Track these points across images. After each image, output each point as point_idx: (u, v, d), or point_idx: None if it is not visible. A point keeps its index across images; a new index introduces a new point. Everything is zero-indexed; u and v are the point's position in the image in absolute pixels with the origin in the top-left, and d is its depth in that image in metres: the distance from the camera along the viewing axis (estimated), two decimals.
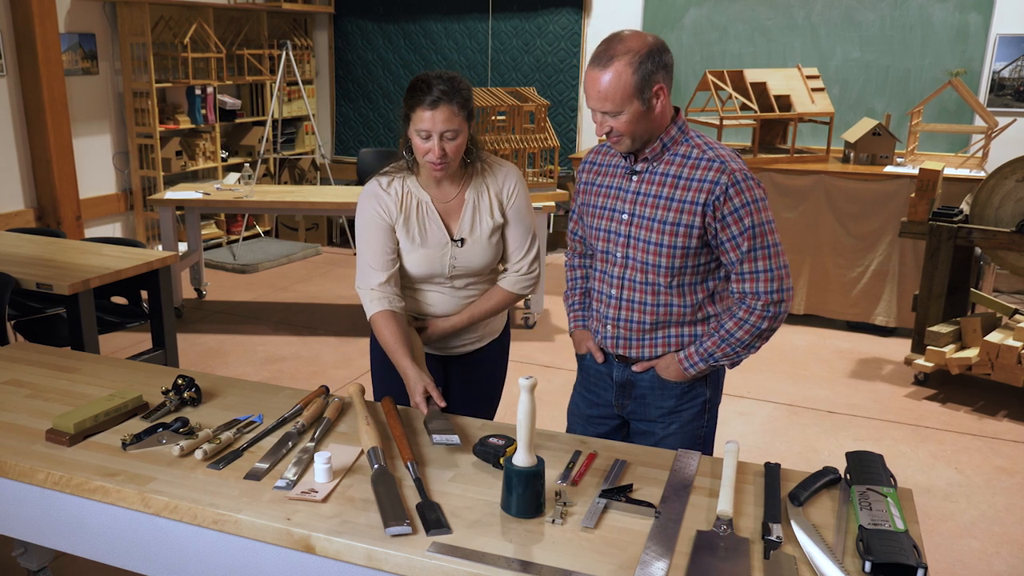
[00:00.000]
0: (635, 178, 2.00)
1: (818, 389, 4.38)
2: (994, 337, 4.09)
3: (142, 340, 4.43)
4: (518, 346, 4.76)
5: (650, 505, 1.65)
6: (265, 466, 1.80)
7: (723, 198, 1.89)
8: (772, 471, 1.79)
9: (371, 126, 7.57)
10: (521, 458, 1.62)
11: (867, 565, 1.45)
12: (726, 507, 1.62)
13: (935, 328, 4.25)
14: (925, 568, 1.43)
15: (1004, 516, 3.22)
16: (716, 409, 2.17)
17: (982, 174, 4.79)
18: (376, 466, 1.75)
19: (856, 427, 3.95)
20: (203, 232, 6.22)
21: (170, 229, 5.18)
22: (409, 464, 1.77)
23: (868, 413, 4.10)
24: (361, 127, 7.62)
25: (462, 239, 2.22)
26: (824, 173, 5.04)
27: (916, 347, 4.42)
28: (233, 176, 5.58)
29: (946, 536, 3.08)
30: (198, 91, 6.33)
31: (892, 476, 1.72)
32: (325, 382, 3.62)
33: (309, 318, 5.35)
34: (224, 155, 6.78)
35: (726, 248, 1.93)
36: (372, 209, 2.21)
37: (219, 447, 1.86)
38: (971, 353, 4.14)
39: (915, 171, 4.65)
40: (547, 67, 6.84)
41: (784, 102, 5.27)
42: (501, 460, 1.77)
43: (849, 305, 5.17)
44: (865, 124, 5.24)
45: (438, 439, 1.87)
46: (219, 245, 6.83)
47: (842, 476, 1.78)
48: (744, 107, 5.21)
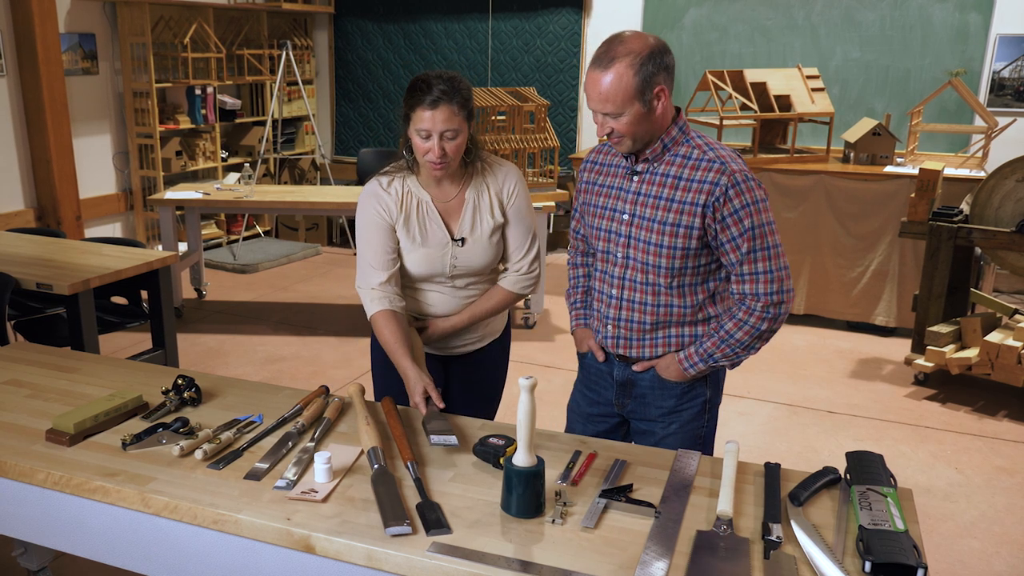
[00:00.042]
0: (636, 178, 2.00)
1: (818, 389, 4.38)
2: (994, 337, 4.09)
3: (142, 340, 4.43)
4: (518, 346, 4.76)
5: (650, 505, 1.65)
6: (265, 466, 1.80)
7: (723, 199, 1.89)
8: (772, 471, 1.79)
9: (371, 126, 7.57)
10: (521, 458, 1.62)
11: (867, 565, 1.45)
12: (726, 507, 1.62)
13: (935, 328, 4.25)
14: (925, 568, 1.43)
15: (1004, 516, 3.22)
16: (716, 409, 2.17)
17: (982, 174, 4.79)
18: (376, 466, 1.75)
19: (856, 427, 3.95)
20: (203, 232, 6.22)
21: (170, 229, 5.18)
22: (409, 464, 1.77)
23: (868, 413, 4.10)
24: (361, 127, 7.62)
25: (462, 239, 2.22)
26: (824, 173, 5.04)
27: (916, 347, 4.42)
28: (233, 176, 5.58)
29: (946, 536, 3.08)
30: (198, 91, 6.33)
31: (892, 476, 1.72)
32: (325, 382, 3.62)
33: (309, 318, 5.35)
34: (224, 155, 6.78)
35: (726, 249, 1.93)
36: (372, 209, 2.21)
37: (219, 447, 1.86)
38: (971, 353, 4.14)
39: (915, 171, 4.65)
40: (547, 67, 6.84)
41: (784, 102, 5.27)
42: (501, 460, 1.77)
43: (849, 305, 5.17)
44: (865, 124, 5.24)
45: (436, 440, 1.86)
46: (219, 245, 6.83)
47: (842, 476, 1.77)
48: (744, 107, 5.21)
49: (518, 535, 1.57)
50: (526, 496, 1.61)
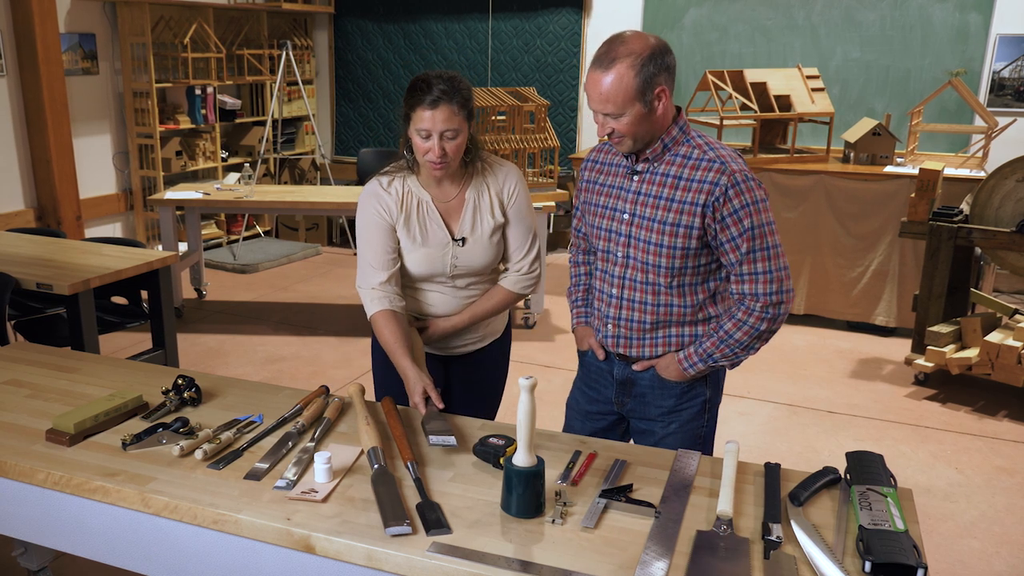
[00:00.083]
0: (636, 178, 2.00)
1: (818, 389, 4.38)
2: (994, 337, 4.09)
3: (142, 340, 4.43)
4: (518, 346, 4.76)
5: (650, 505, 1.65)
6: (265, 466, 1.80)
7: (723, 199, 1.88)
8: (772, 471, 1.79)
9: (371, 126, 7.57)
10: (521, 458, 1.62)
11: (867, 565, 1.45)
12: (726, 507, 1.62)
13: (935, 328, 4.25)
14: (925, 568, 1.43)
15: (1004, 516, 3.22)
16: (716, 409, 2.17)
17: (982, 174, 4.79)
18: (376, 466, 1.75)
19: (856, 427, 3.95)
20: (203, 232, 6.22)
21: (170, 229, 5.18)
22: (409, 464, 1.77)
23: (868, 413, 4.10)
24: (361, 127, 7.62)
25: (463, 238, 2.22)
26: (824, 173, 5.04)
27: (916, 347, 4.42)
28: (233, 176, 5.58)
29: (946, 536, 3.08)
30: (198, 91, 6.33)
31: (892, 476, 1.72)
32: (325, 382, 3.62)
33: (309, 318, 5.35)
34: (224, 155, 6.78)
35: (726, 249, 1.93)
36: (373, 208, 2.21)
37: (219, 447, 1.86)
38: (971, 353, 4.14)
39: (915, 171, 4.65)
40: (547, 67, 6.84)
41: (784, 102, 5.26)
42: (501, 460, 1.77)
43: (849, 305, 5.17)
44: (865, 124, 5.24)
45: (435, 440, 1.86)
46: (219, 245, 6.83)
47: (842, 476, 1.77)
48: (744, 107, 5.21)
49: (518, 535, 1.57)
50: (526, 496, 1.61)
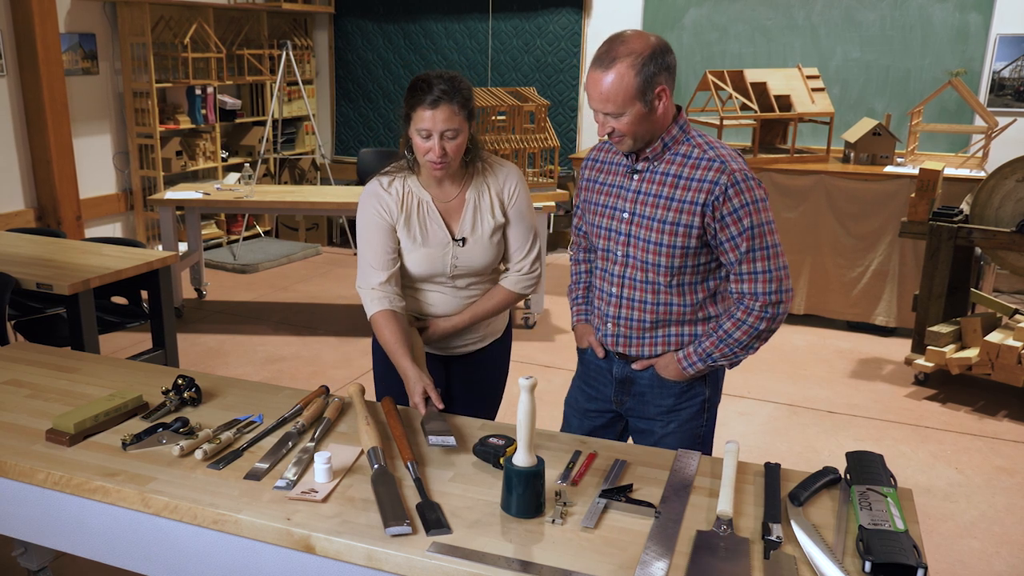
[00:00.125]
0: (636, 177, 2.00)
1: (818, 389, 4.38)
2: (994, 337, 4.09)
3: (142, 340, 4.43)
4: (518, 346, 4.75)
5: (650, 505, 1.65)
6: (265, 466, 1.80)
7: (722, 198, 1.89)
8: (772, 471, 1.79)
9: (371, 126, 7.57)
10: (521, 458, 1.62)
11: (867, 565, 1.45)
12: (726, 507, 1.62)
13: (935, 328, 4.25)
14: (925, 568, 1.43)
15: (1004, 516, 3.22)
16: (715, 408, 2.17)
17: (982, 174, 4.79)
18: (376, 466, 1.75)
19: (856, 427, 3.95)
20: (203, 232, 6.22)
21: (170, 229, 5.18)
22: (409, 464, 1.77)
23: (868, 413, 4.10)
24: (361, 127, 7.62)
25: (463, 239, 2.22)
26: (824, 173, 5.04)
27: (916, 347, 4.42)
28: (233, 176, 5.58)
29: (946, 536, 3.08)
30: (198, 91, 6.33)
31: (892, 476, 1.72)
32: (325, 382, 3.62)
33: (309, 318, 5.35)
34: (224, 155, 6.78)
35: (725, 248, 1.93)
36: (373, 209, 2.21)
37: (219, 447, 1.86)
38: (971, 353, 4.14)
39: (915, 171, 4.65)
40: (547, 67, 6.84)
41: (784, 102, 5.27)
42: (501, 460, 1.77)
43: (849, 305, 5.17)
44: (865, 124, 5.24)
45: (434, 440, 1.86)
46: (219, 245, 6.83)
47: (842, 476, 1.77)
48: (744, 107, 5.21)
49: (518, 535, 1.57)
50: (526, 496, 1.61)
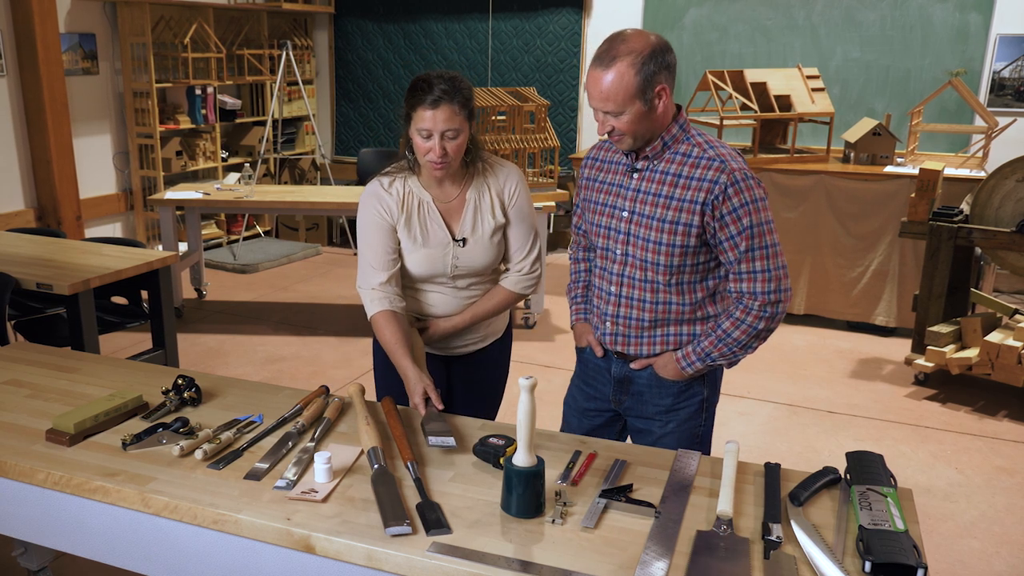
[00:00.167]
0: (636, 175, 2.00)
1: (818, 389, 4.38)
2: (994, 337, 4.09)
3: (142, 340, 4.43)
4: (518, 346, 4.75)
5: (650, 505, 1.65)
6: (265, 466, 1.80)
7: (722, 197, 1.89)
8: (772, 471, 1.79)
9: (371, 126, 7.57)
10: (521, 458, 1.62)
11: (867, 565, 1.45)
12: (726, 507, 1.62)
13: (935, 328, 4.25)
14: (925, 568, 1.43)
15: (1004, 516, 3.22)
16: (714, 408, 2.17)
17: (982, 174, 4.79)
18: (376, 466, 1.75)
19: (856, 427, 3.95)
20: (203, 232, 6.22)
21: (170, 229, 5.18)
22: (409, 464, 1.77)
23: (868, 413, 4.10)
24: (361, 127, 7.62)
25: (464, 239, 2.22)
26: (824, 173, 5.04)
27: (916, 347, 4.42)
28: (233, 176, 5.59)
29: (946, 536, 3.08)
30: (198, 91, 6.33)
31: (892, 476, 1.72)
32: (325, 382, 3.62)
33: (309, 318, 5.35)
34: (224, 155, 6.78)
35: (724, 247, 1.94)
36: (373, 209, 2.21)
37: (219, 447, 1.86)
38: (971, 353, 4.14)
39: (915, 171, 4.64)
40: (547, 67, 6.84)
41: (784, 102, 5.26)
42: (501, 460, 1.77)
43: (849, 305, 5.17)
44: (865, 124, 5.24)
45: (434, 441, 1.86)
46: (219, 245, 6.83)
47: (842, 476, 1.77)
48: (744, 107, 5.21)
49: (518, 535, 1.57)
50: (526, 496, 1.61)
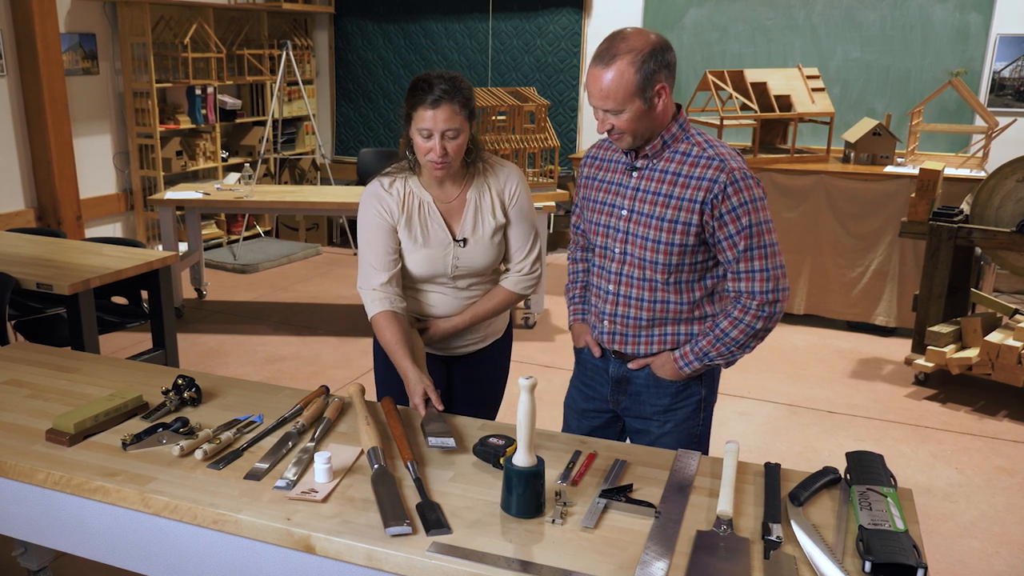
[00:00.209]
0: (635, 174, 2.00)
1: (818, 389, 4.38)
2: (994, 337, 4.09)
3: (142, 340, 4.43)
4: (518, 346, 4.74)
5: (650, 505, 1.65)
6: (265, 466, 1.80)
7: (721, 196, 1.89)
8: (772, 471, 1.79)
9: (371, 126, 7.57)
10: (521, 458, 1.62)
11: (867, 565, 1.45)
12: (726, 507, 1.62)
13: (935, 328, 4.25)
14: (925, 568, 1.43)
15: (1004, 516, 3.22)
16: (711, 408, 2.17)
17: (982, 174, 4.79)
18: (376, 466, 1.75)
19: (856, 427, 3.95)
20: (203, 232, 6.22)
21: (170, 229, 5.18)
22: (409, 464, 1.77)
23: (868, 413, 4.10)
24: (361, 127, 7.62)
25: (464, 239, 2.22)
26: (824, 173, 5.04)
27: (916, 347, 4.42)
28: (233, 176, 5.59)
29: (946, 536, 3.08)
30: (198, 91, 6.33)
31: (892, 476, 1.72)
32: (325, 382, 3.62)
33: (309, 318, 5.35)
34: (224, 155, 6.78)
35: (723, 246, 1.94)
36: (374, 209, 2.21)
37: (219, 447, 1.86)
38: (971, 353, 4.14)
39: (915, 171, 4.64)
40: (547, 67, 6.84)
41: (784, 102, 5.26)
42: (501, 460, 1.77)
43: (849, 305, 5.17)
44: (865, 124, 5.24)
45: (433, 442, 1.86)
46: (219, 245, 6.83)
47: (842, 476, 1.77)
48: (744, 107, 5.21)
49: (518, 535, 1.57)
50: (526, 496, 1.61)
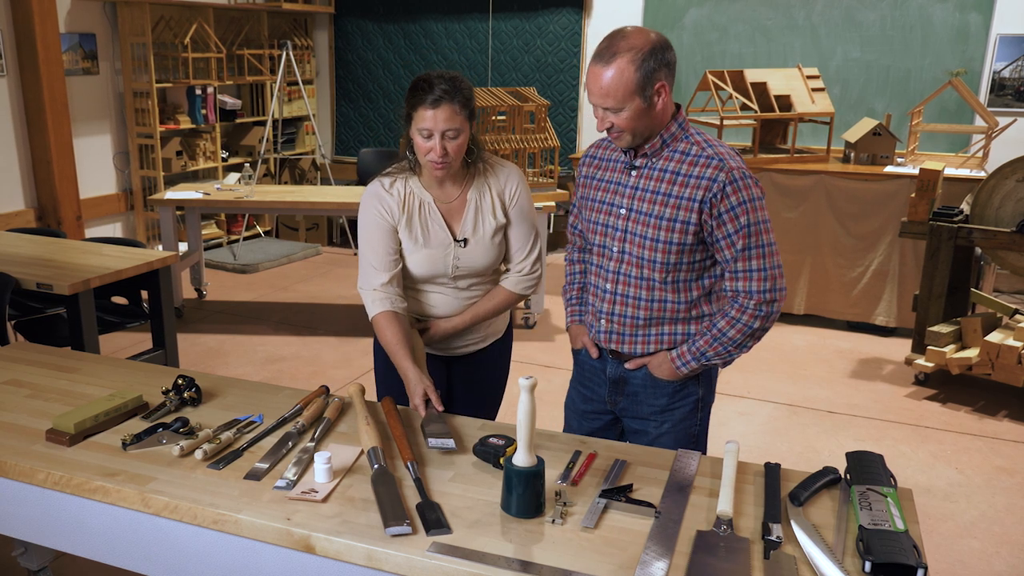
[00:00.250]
0: (634, 173, 2.00)
1: (818, 389, 4.38)
2: (994, 337, 4.09)
3: (142, 340, 4.43)
4: (518, 346, 4.74)
5: (650, 505, 1.65)
6: (265, 466, 1.80)
7: (720, 195, 1.89)
8: (772, 471, 1.79)
9: (371, 126, 7.57)
10: (521, 458, 1.62)
11: (867, 565, 1.45)
12: (726, 507, 1.62)
13: (935, 328, 4.25)
14: (925, 568, 1.43)
15: (1004, 516, 3.22)
16: (709, 408, 2.17)
17: (982, 174, 4.79)
18: (376, 466, 1.75)
19: (856, 427, 3.95)
20: (203, 232, 6.22)
21: (170, 229, 5.18)
22: (409, 464, 1.77)
23: (868, 413, 4.10)
24: (361, 127, 7.62)
25: (465, 239, 2.22)
26: (824, 173, 5.04)
27: (916, 347, 4.42)
28: (233, 176, 5.59)
29: (946, 536, 3.08)
30: (198, 91, 6.33)
31: (892, 476, 1.72)
32: (325, 382, 3.62)
33: (309, 318, 5.35)
34: (224, 155, 6.78)
35: (721, 246, 1.94)
36: (374, 209, 2.22)
37: (219, 447, 1.86)
38: (971, 353, 4.14)
39: (915, 171, 4.65)
40: (547, 67, 6.84)
41: (784, 102, 5.26)
42: (501, 460, 1.77)
43: (849, 305, 5.17)
44: (865, 124, 5.24)
45: (433, 443, 1.86)
46: (219, 245, 6.83)
47: (842, 476, 1.77)
48: (744, 107, 5.21)
49: (518, 535, 1.57)
50: (526, 496, 1.61)
